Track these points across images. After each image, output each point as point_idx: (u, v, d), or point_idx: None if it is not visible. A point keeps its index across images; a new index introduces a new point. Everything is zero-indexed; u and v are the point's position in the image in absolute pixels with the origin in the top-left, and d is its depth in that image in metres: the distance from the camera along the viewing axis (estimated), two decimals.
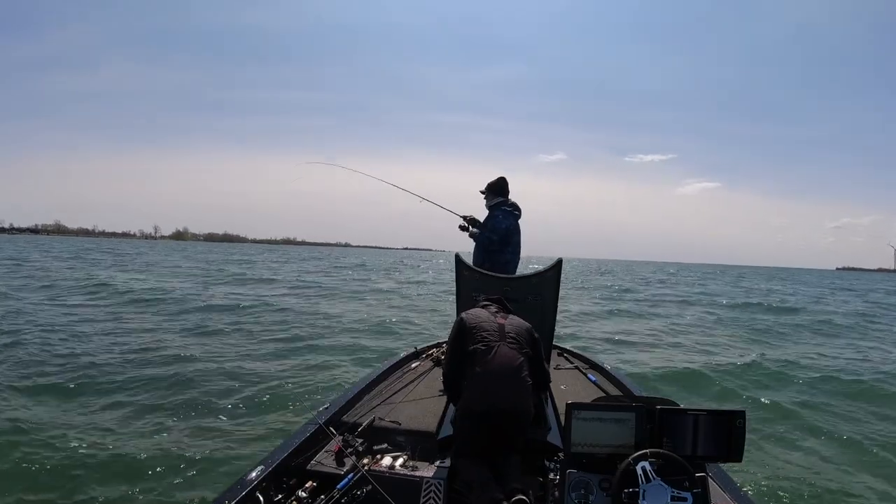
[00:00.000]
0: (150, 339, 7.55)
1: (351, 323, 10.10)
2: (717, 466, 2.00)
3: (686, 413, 1.76)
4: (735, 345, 9.48)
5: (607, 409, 1.80)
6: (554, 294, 3.00)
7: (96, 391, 4.93)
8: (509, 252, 3.62)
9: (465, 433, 2.15)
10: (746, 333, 10.99)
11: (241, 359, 6.49)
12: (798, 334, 11.35)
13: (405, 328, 9.82)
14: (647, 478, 1.60)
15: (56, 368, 5.65)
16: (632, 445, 1.73)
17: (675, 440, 1.73)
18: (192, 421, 4.25)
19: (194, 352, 6.71)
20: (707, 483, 1.71)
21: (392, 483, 2.00)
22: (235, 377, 5.58)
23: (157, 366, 5.97)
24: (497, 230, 3.58)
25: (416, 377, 3.26)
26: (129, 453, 3.59)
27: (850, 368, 7.38)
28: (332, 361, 6.60)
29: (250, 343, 7.64)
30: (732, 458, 1.76)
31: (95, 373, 5.53)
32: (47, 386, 5.00)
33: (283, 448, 2.20)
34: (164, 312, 10.48)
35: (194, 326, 8.87)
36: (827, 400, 5.70)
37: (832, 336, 11.34)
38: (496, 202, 3.66)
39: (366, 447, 2.31)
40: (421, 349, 3.83)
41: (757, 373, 6.89)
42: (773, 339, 10.52)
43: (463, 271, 3.13)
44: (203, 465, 3.47)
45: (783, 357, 8.00)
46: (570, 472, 1.77)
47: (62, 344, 6.90)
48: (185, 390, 5.06)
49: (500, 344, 2.23)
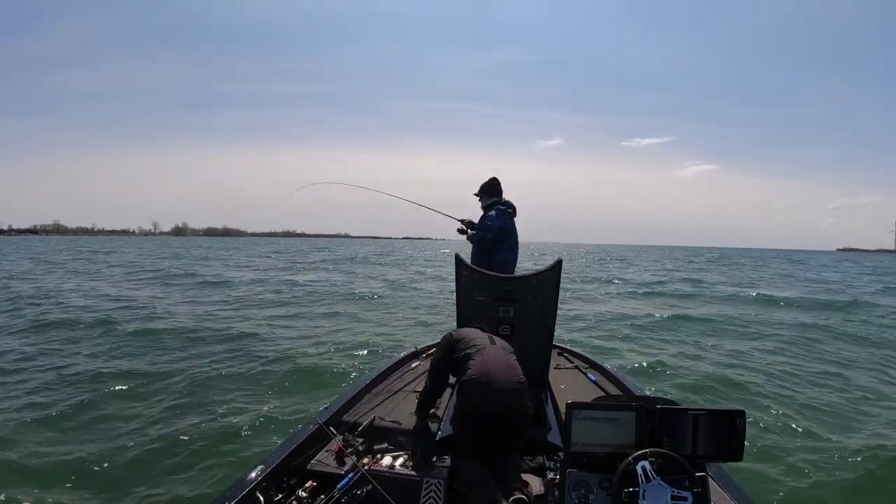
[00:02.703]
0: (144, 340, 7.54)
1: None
2: (717, 466, 2.00)
3: (686, 412, 1.76)
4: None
5: (607, 408, 1.80)
6: (554, 294, 3.01)
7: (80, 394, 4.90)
8: (506, 251, 3.64)
9: (464, 433, 2.17)
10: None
11: (240, 359, 6.49)
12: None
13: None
14: (648, 477, 1.60)
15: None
16: (632, 445, 1.73)
17: (675, 439, 1.73)
18: (192, 421, 4.24)
19: (194, 351, 6.72)
20: (707, 482, 1.71)
21: (392, 483, 2.00)
22: (235, 377, 5.58)
23: (155, 366, 5.98)
24: (490, 228, 3.60)
25: (416, 377, 3.26)
26: (128, 453, 3.59)
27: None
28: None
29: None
30: (732, 458, 1.76)
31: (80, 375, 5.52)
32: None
33: (283, 448, 2.20)
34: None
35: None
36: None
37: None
38: (490, 202, 3.70)
39: (366, 447, 2.32)
40: (421, 349, 3.83)
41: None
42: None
43: (462, 271, 3.13)
44: (203, 465, 3.47)
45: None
46: (570, 471, 1.77)
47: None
48: (184, 390, 5.06)
49: (493, 347, 2.29)
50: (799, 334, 9.04)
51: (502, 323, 3.04)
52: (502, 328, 3.01)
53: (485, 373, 2.12)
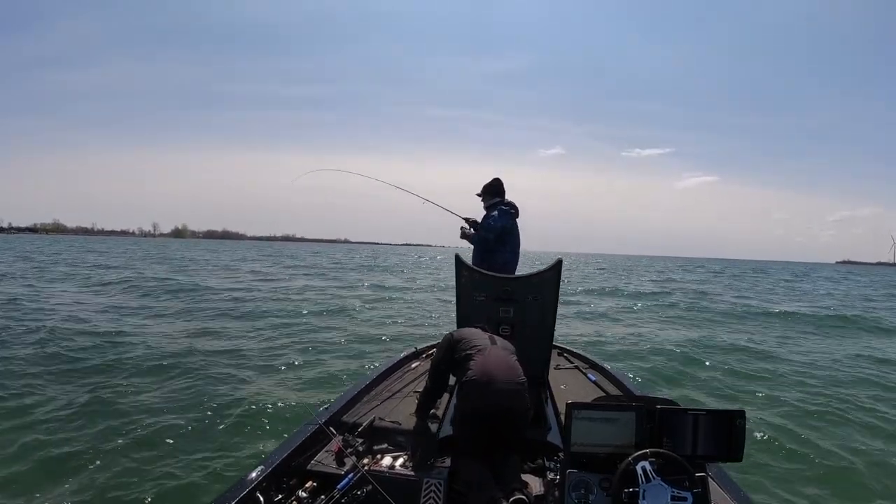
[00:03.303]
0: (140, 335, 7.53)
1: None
2: (717, 466, 2.00)
3: (686, 413, 1.76)
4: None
5: (607, 408, 1.80)
6: (554, 294, 3.01)
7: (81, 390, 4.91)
8: (507, 252, 3.64)
9: (464, 433, 2.17)
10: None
11: (239, 359, 6.48)
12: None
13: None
14: (647, 477, 1.60)
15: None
16: (632, 445, 1.73)
17: (675, 440, 1.73)
18: (191, 421, 4.24)
19: (192, 351, 6.71)
20: (707, 483, 1.71)
21: (392, 483, 2.00)
22: (235, 377, 5.58)
23: (155, 366, 5.97)
24: (492, 228, 3.59)
25: (416, 377, 3.26)
26: (127, 454, 3.58)
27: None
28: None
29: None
30: (732, 458, 1.76)
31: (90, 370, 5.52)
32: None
33: (283, 448, 2.20)
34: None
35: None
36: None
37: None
38: (493, 202, 3.70)
39: (366, 447, 2.31)
40: (421, 349, 3.83)
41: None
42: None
43: (463, 271, 3.14)
44: (203, 465, 3.46)
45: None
46: (570, 471, 1.77)
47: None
48: (183, 391, 5.06)
49: (494, 347, 2.30)
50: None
51: (502, 323, 3.05)
52: (502, 328, 3.01)
53: (485, 373, 2.13)
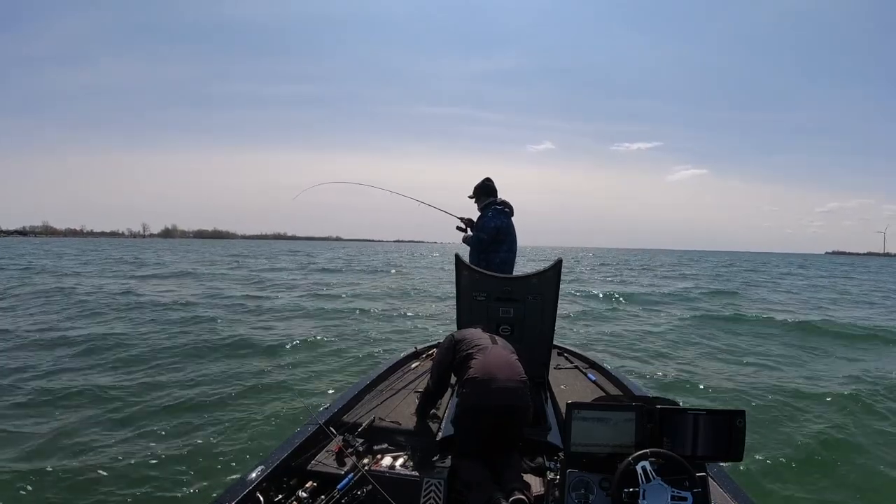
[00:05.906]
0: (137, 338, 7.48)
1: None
2: (717, 466, 2.02)
3: (686, 413, 1.77)
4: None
5: (607, 408, 1.80)
6: (554, 293, 3.02)
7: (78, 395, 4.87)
8: (504, 251, 3.63)
9: (465, 431, 2.17)
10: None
11: (238, 359, 6.45)
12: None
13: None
14: (648, 477, 1.61)
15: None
16: (632, 445, 1.74)
17: (675, 440, 1.74)
18: (190, 421, 4.22)
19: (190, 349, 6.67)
20: (707, 483, 1.72)
21: (392, 483, 1.99)
22: (234, 377, 5.55)
23: (153, 366, 5.93)
24: (486, 228, 3.58)
25: (416, 377, 3.26)
26: (126, 454, 3.56)
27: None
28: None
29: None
30: (732, 458, 1.77)
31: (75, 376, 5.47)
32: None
33: (283, 448, 2.20)
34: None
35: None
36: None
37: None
38: (487, 202, 3.68)
39: (366, 447, 2.31)
40: (421, 349, 3.83)
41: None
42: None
43: (462, 271, 3.13)
44: (203, 465, 3.45)
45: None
46: (570, 471, 1.77)
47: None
48: (182, 391, 5.03)
49: (495, 346, 2.31)
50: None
51: (502, 323, 3.05)
52: (502, 328, 3.02)
53: (486, 371, 2.14)
